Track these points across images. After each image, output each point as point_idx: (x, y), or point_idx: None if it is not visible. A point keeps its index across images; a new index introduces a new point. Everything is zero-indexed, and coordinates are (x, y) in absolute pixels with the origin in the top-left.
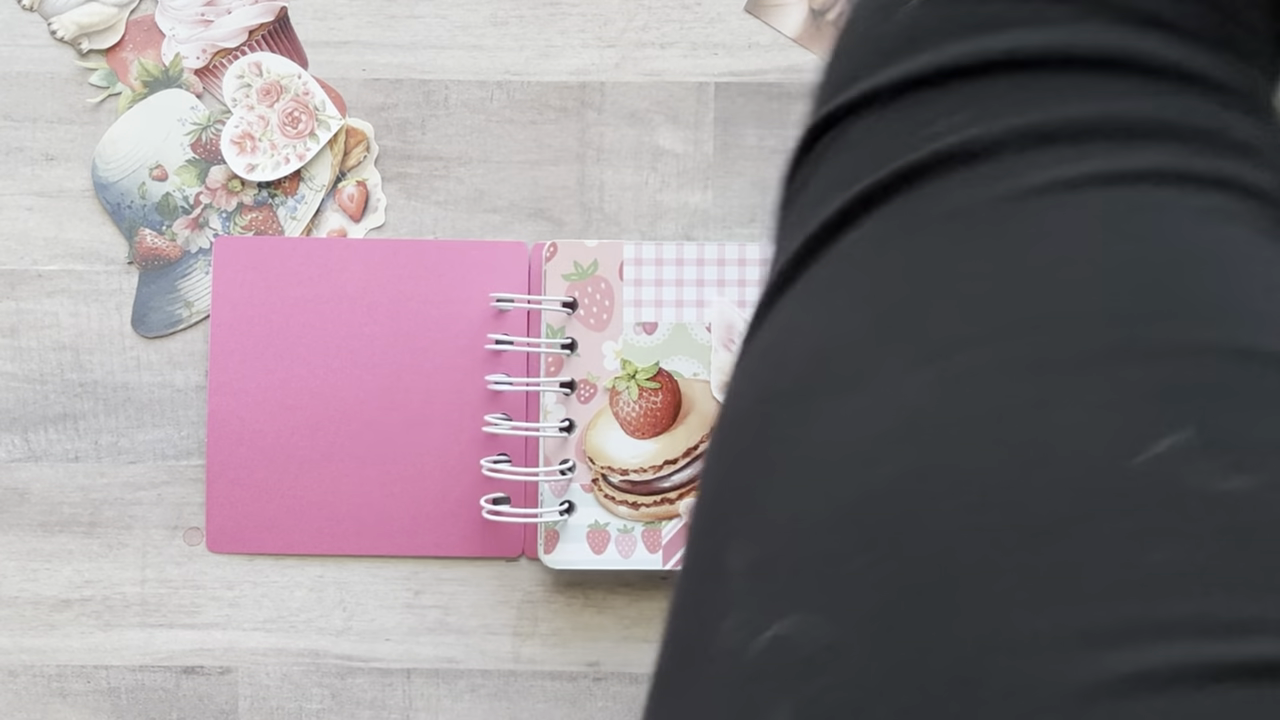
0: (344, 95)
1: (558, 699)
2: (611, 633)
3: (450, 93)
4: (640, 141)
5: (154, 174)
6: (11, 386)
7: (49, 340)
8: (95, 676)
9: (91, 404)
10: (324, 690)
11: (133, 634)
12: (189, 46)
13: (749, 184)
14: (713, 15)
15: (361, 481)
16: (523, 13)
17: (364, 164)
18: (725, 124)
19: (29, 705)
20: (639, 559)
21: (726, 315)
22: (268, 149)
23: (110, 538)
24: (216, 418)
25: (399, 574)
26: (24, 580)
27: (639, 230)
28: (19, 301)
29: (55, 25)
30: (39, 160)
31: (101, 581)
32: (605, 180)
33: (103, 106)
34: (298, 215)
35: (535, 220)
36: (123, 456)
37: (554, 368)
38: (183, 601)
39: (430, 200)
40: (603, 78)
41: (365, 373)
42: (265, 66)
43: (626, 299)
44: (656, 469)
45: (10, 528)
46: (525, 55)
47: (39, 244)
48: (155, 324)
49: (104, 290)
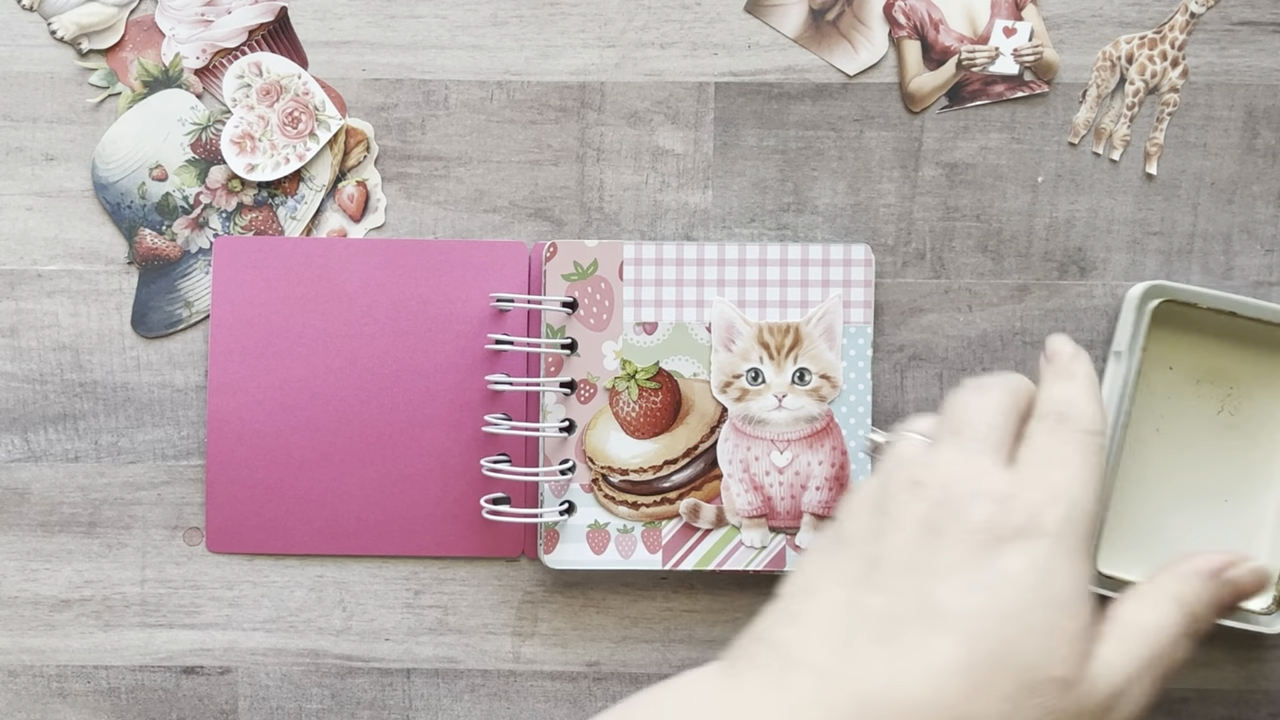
0: (344, 95)
1: (558, 699)
2: (611, 633)
3: (450, 93)
4: (640, 141)
5: (154, 174)
6: (11, 386)
7: (49, 340)
8: (95, 676)
9: (91, 404)
10: (324, 690)
11: (133, 634)
12: (189, 46)
13: (749, 184)
14: (713, 15)
15: (361, 481)
16: (523, 13)
17: (364, 164)
18: (725, 124)
19: (29, 705)
20: (639, 559)
21: (726, 315)
22: (268, 149)
23: (110, 538)
24: (216, 418)
25: (399, 574)
26: (24, 580)
27: (639, 230)
28: (19, 301)
29: (55, 25)
30: (39, 160)
31: (101, 581)
32: (605, 180)
33: (103, 106)
34: (298, 215)
35: (535, 220)
36: (123, 456)
37: (554, 368)
38: (182, 601)
39: (430, 200)
40: (603, 78)
41: (365, 373)
42: (265, 66)
43: (626, 299)
44: (656, 469)
45: (10, 528)
46: (525, 55)
47: (39, 244)
48: (155, 324)
49: (104, 290)
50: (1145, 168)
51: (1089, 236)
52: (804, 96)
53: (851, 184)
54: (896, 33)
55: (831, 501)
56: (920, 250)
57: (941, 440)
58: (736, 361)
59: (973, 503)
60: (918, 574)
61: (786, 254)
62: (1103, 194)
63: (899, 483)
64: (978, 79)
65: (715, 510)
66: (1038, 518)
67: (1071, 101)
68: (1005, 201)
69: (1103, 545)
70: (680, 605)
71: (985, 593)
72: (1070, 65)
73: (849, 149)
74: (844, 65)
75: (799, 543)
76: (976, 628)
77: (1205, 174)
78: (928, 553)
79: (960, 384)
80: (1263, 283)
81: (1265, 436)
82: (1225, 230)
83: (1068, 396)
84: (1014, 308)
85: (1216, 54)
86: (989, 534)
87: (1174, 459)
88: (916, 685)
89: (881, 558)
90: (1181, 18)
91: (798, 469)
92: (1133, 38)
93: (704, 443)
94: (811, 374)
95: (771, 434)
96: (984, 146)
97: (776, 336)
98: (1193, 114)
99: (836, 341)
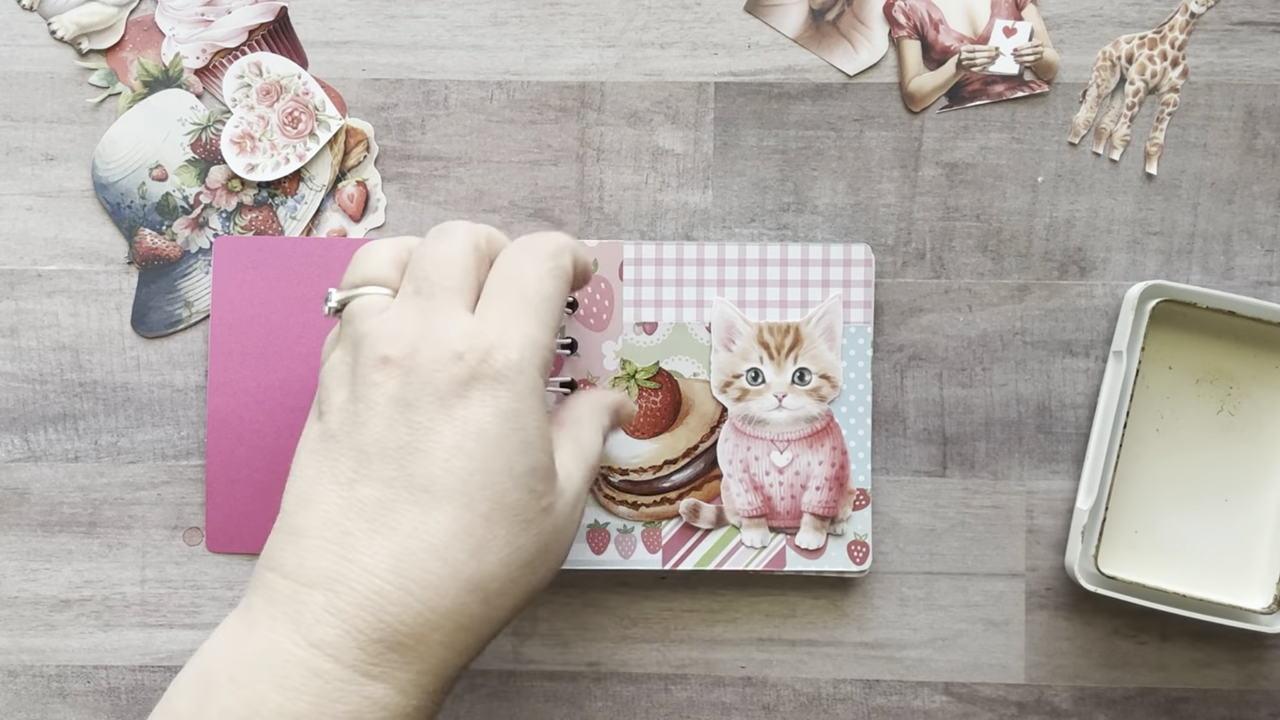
0: (344, 95)
1: (557, 699)
2: (611, 633)
3: (450, 93)
4: (640, 141)
5: (154, 174)
6: (11, 386)
7: (49, 340)
8: (95, 676)
9: (91, 404)
10: None
11: (133, 634)
12: (189, 46)
13: (749, 184)
14: (713, 15)
15: None
16: (523, 13)
17: (364, 164)
18: (725, 124)
19: (29, 705)
20: (639, 559)
21: (727, 315)
22: (268, 149)
23: (110, 538)
24: (216, 418)
25: None
26: (24, 580)
27: (639, 230)
28: (19, 301)
29: (55, 25)
30: (39, 160)
31: (101, 581)
32: (605, 180)
33: (102, 106)
34: (298, 215)
35: (535, 220)
36: (122, 456)
37: (554, 368)
38: (183, 601)
39: (430, 200)
40: (603, 78)
41: None
42: (265, 66)
43: (626, 299)
44: (656, 469)
45: (10, 528)
46: (525, 55)
47: (39, 244)
48: (155, 324)
49: (104, 290)
50: (1145, 168)
51: (1089, 236)
52: (804, 96)
53: (851, 184)
54: (896, 33)
55: (832, 502)
56: (920, 250)
57: (405, 297)
58: (736, 361)
59: (438, 370)
60: (401, 456)
61: (786, 254)
62: (1103, 194)
63: (368, 362)
64: (978, 79)
65: (715, 510)
66: (493, 363)
67: (1071, 101)
68: (1005, 201)
69: (1103, 545)
70: (680, 605)
71: (465, 458)
72: (1070, 65)
73: (849, 149)
74: (844, 65)
75: (799, 542)
76: (466, 493)
77: (1205, 174)
78: (406, 430)
79: (428, 232)
80: (1263, 283)
81: (1265, 436)
82: (1225, 230)
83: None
84: (1014, 308)
85: (1217, 54)
86: (453, 392)
87: (1173, 459)
88: (424, 564)
89: (366, 448)
90: (1181, 18)
91: (797, 469)
92: (1133, 38)
93: (704, 443)
94: (811, 374)
95: (771, 434)
96: (984, 146)
97: (777, 336)
98: (1193, 114)
99: (837, 341)
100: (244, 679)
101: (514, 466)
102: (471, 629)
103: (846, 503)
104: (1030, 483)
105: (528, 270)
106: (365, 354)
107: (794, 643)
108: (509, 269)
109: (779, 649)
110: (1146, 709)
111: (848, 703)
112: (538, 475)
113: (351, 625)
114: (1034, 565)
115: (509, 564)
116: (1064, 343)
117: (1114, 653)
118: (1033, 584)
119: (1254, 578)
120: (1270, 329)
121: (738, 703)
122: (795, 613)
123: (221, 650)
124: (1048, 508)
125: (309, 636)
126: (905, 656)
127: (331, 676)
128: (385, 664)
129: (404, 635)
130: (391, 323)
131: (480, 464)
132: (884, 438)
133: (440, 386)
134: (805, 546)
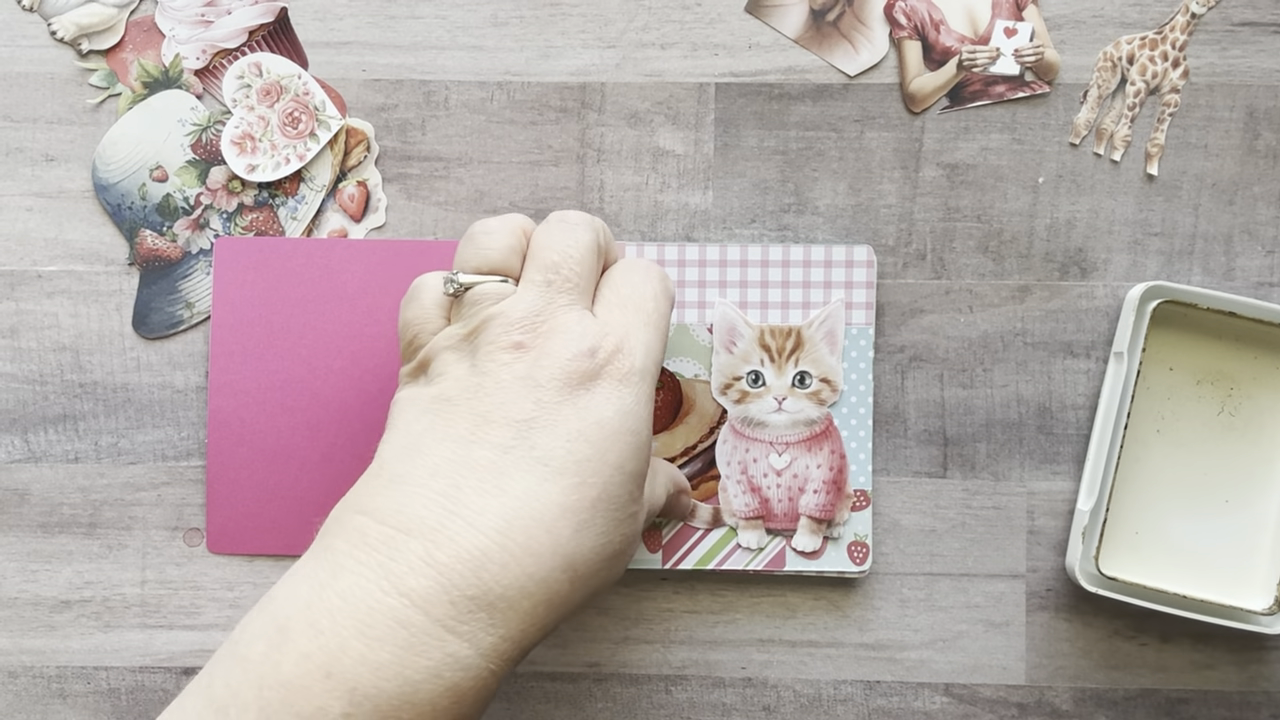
0: (344, 95)
1: (558, 699)
2: (611, 633)
3: (450, 93)
4: (640, 142)
5: (154, 175)
6: (11, 387)
7: (49, 341)
8: (95, 677)
9: (91, 405)
10: None
11: (133, 635)
12: (189, 47)
13: (750, 185)
14: (713, 16)
15: None
16: (523, 13)
17: (364, 164)
18: (725, 124)
19: (29, 706)
20: (639, 559)
21: (729, 317)
22: (268, 149)
23: (110, 538)
24: (216, 418)
25: None
26: (24, 581)
27: (639, 230)
28: (19, 302)
29: (55, 26)
30: (39, 161)
31: (101, 582)
32: (605, 180)
33: (103, 107)
34: (298, 215)
35: (536, 221)
36: (123, 457)
37: None
38: (183, 602)
39: (431, 200)
40: (603, 78)
41: (366, 373)
42: (265, 67)
43: None
44: None
45: (10, 528)
46: (525, 55)
47: (39, 244)
48: (156, 325)
49: (104, 291)
50: (1146, 168)
51: (1090, 237)
52: (805, 97)
53: (852, 185)
54: (897, 33)
55: (829, 505)
56: (921, 251)
57: (533, 285)
58: (738, 363)
59: (570, 360)
60: (524, 427)
61: (788, 255)
62: (1104, 195)
63: (498, 342)
64: (978, 79)
65: (712, 510)
66: (620, 365)
67: (1072, 102)
68: (1006, 202)
69: (1104, 546)
70: (680, 605)
71: (585, 443)
72: (1071, 66)
73: (850, 150)
74: (845, 66)
75: (796, 545)
76: (580, 475)
77: (1206, 175)
78: (533, 404)
79: (547, 219)
80: (1264, 284)
81: (1266, 437)
82: (1226, 231)
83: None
84: (1015, 308)
85: (1217, 55)
86: (580, 384)
87: (1174, 460)
88: (530, 530)
89: (489, 413)
90: (1182, 18)
91: (796, 472)
92: (1134, 38)
93: (703, 443)
94: (812, 377)
95: (770, 436)
96: (985, 147)
97: (778, 339)
98: (1194, 115)
99: (838, 345)
100: (325, 625)
101: (624, 464)
102: (554, 606)
103: (844, 506)
104: (1031, 484)
105: (646, 288)
106: (494, 335)
107: (794, 644)
108: (629, 284)
109: (779, 650)
110: (1147, 710)
111: (848, 704)
112: (638, 480)
113: (447, 579)
114: (1035, 566)
115: (600, 552)
116: (1065, 344)
117: (1115, 654)
118: (1033, 585)
119: (1255, 579)
120: (1271, 330)
121: (738, 704)
122: (796, 614)
123: (299, 595)
124: (1048, 509)
125: (399, 585)
126: (906, 657)
127: (417, 628)
128: (473, 623)
129: (497, 596)
130: (522, 308)
131: (598, 452)
132: (884, 438)
133: (571, 375)
134: (802, 549)
